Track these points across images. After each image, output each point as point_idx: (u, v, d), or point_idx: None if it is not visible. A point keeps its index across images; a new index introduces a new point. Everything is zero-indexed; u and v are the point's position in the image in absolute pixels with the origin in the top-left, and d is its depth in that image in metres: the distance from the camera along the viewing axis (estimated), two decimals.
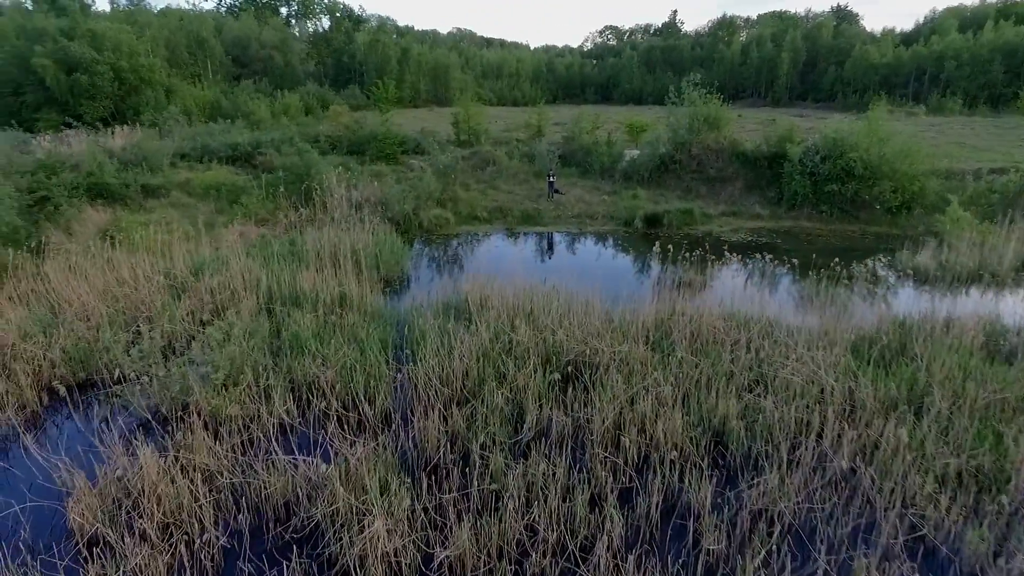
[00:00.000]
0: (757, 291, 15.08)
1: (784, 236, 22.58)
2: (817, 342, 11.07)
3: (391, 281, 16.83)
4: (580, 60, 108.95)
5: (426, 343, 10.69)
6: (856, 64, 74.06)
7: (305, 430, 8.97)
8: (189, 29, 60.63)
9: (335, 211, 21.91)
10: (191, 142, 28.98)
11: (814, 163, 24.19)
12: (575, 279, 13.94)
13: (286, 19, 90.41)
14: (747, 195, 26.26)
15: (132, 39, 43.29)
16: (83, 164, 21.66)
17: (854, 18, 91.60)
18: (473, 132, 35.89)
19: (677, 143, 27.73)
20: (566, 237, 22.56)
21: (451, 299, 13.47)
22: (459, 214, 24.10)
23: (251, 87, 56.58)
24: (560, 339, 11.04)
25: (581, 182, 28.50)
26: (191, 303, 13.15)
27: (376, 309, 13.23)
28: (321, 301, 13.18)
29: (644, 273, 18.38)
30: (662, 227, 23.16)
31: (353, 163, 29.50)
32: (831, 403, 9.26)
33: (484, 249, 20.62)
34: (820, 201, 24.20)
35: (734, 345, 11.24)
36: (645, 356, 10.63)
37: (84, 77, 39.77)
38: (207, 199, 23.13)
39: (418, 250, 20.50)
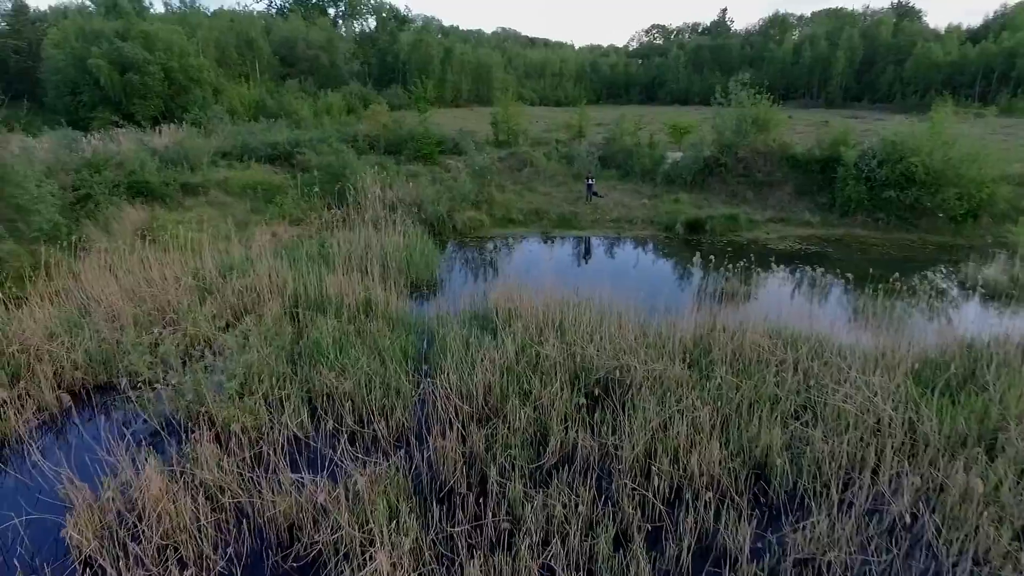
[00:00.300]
0: (806, 305, 14.10)
1: (836, 245, 21.30)
2: (873, 365, 10.11)
3: (420, 285, 16.43)
4: (625, 60, 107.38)
5: (448, 355, 10.18)
6: (917, 63, 70.55)
7: (316, 445, 8.57)
8: (239, 30, 61.94)
9: (368, 212, 21.70)
10: (232, 141, 29.31)
11: (871, 167, 22.78)
12: (610, 287, 13.26)
13: (333, 19, 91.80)
14: (796, 201, 24.96)
15: (183, 40, 44.39)
16: (127, 162, 22.05)
17: (916, 15, 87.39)
18: (512, 132, 35.38)
19: (723, 145, 26.59)
20: (603, 242, 21.81)
21: (478, 308, 12.94)
22: (494, 216, 23.60)
23: (296, 86, 57.42)
24: (590, 354, 10.38)
25: (621, 185, 27.64)
26: (216, 305, 13.00)
27: (401, 316, 12.81)
28: (346, 306, 12.85)
29: (684, 282, 17.51)
30: (704, 233, 22.16)
31: (390, 163, 29.35)
32: (889, 437, 8.36)
33: (517, 253, 20.06)
34: (876, 208, 22.76)
35: (780, 365, 10.38)
36: (681, 376, 9.88)
37: (136, 77, 40.90)
38: (244, 198, 23.25)
39: (450, 253, 20.09)
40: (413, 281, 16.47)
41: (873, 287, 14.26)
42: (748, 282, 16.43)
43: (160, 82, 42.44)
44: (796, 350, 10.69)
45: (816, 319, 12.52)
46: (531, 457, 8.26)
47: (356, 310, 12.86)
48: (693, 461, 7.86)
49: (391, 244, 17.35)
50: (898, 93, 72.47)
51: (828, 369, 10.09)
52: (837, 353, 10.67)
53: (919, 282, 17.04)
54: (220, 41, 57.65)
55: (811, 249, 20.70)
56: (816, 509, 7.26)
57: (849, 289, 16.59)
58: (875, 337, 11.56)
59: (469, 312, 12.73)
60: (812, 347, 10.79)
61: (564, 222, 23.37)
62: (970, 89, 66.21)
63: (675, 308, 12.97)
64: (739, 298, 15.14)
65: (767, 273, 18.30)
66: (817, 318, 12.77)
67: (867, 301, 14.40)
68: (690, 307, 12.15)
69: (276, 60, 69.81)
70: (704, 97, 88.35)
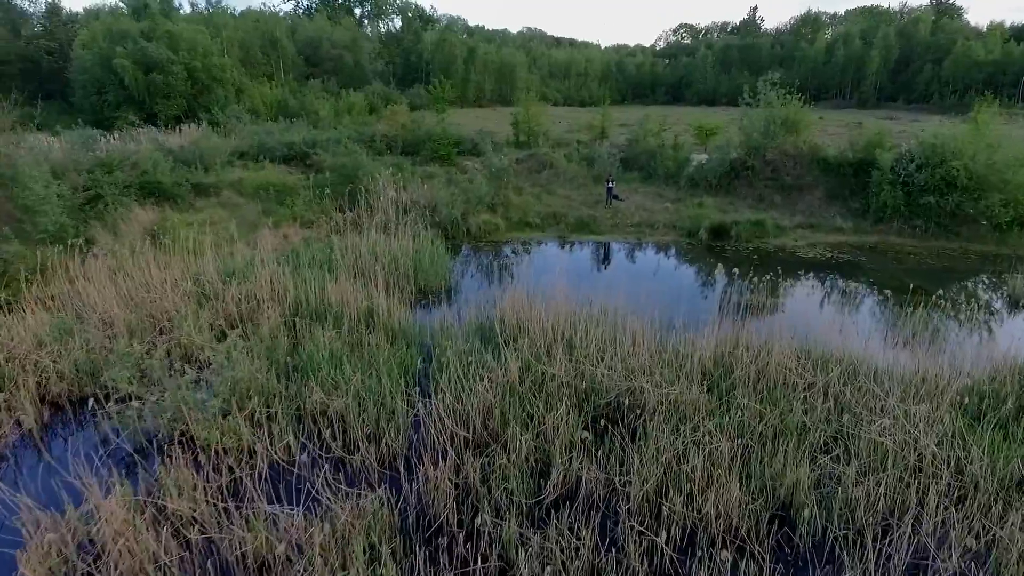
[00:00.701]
0: (837, 320, 13.10)
1: (869, 253, 20.14)
2: (913, 392, 9.17)
3: (429, 292, 15.80)
4: (651, 60, 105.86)
5: (447, 373, 9.51)
6: (957, 62, 67.95)
7: (300, 472, 7.96)
8: (264, 30, 62.31)
9: (381, 214, 21.18)
10: (249, 141, 29.12)
11: (908, 172, 21.54)
12: (626, 297, 12.49)
13: (359, 20, 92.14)
14: (827, 206, 23.79)
15: (206, 39, 44.62)
16: (142, 162, 21.88)
17: (957, 12, 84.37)
18: (532, 133, 34.66)
19: (750, 148, 25.52)
20: (622, 248, 20.95)
21: (485, 319, 12.25)
22: (510, 220, 22.91)
23: (318, 86, 57.50)
24: (601, 375, 9.61)
25: (643, 188, 26.73)
26: (214, 312, 12.53)
27: (404, 328, 12.17)
28: (347, 316, 12.26)
29: (706, 292, 16.59)
30: (729, 240, 21.17)
31: (407, 164, 28.86)
32: (933, 478, 7.44)
33: (532, 259, 19.32)
34: (913, 214, 21.52)
35: (808, 390, 9.50)
36: (699, 401, 9.06)
37: (160, 77, 41.15)
38: (257, 199, 22.92)
39: (463, 258, 19.45)
40: (422, 287, 15.87)
41: (910, 300, 13.23)
42: (775, 294, 15.49)
43: (183, 82, 42.69)
44: (826, 373, 9.80)
45: (848, 336, 11.58)
46: (530, 491, 7.54)
47: (357, 320, 12.26)
48: (710, 501, 7.05)
49: (400, 249, 16.76)
50: (935, 93, 69.95)
51: (862, 396, 9.19)
52: (872, 377, 9.75)
53: (962, 296, 15.94)
54: (245, 41, 58.01)
55: (843, 258, 19.58)
56: (848, 561, 6.43)
57: (884, 302, 15.53)
58: (914, 358, 10.58)
59: (475, 323, 12.05)
60: (844, 370, 9.88)
61: (582, 226, 22.57)
62: (1013, 89, 63.53)
63: (695, 322, 12.14)
64: (764, 311, 14.22)
65: (795, 283, 17.34)
66: (849, 335, 11.84)
67: (905, 317, 13.39)
68: (711, 323, 11.28)
69: (301, 60, 70.23)
70: (732, 98, 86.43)
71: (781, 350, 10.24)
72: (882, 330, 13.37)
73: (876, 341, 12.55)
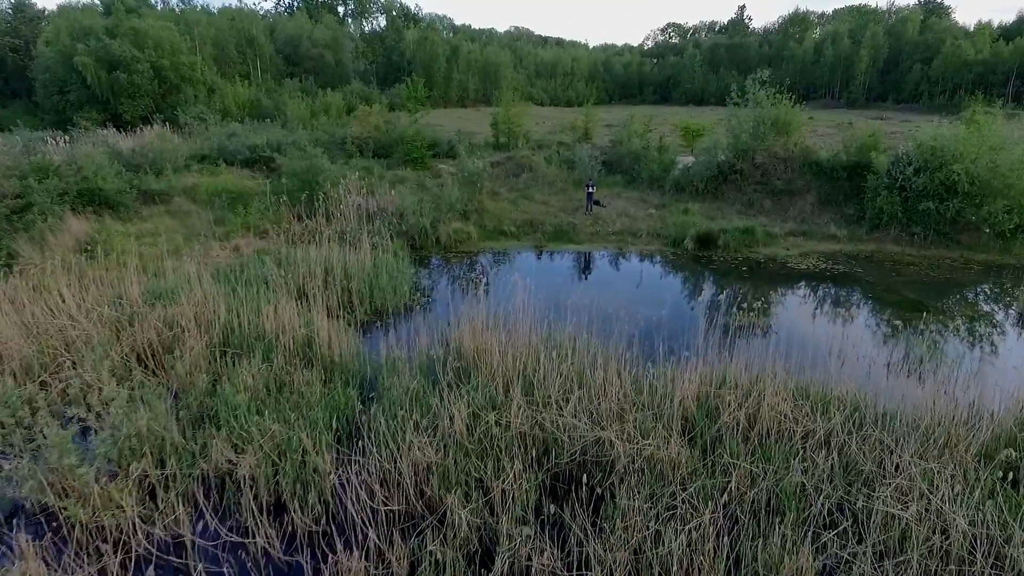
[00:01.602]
0: (835, 344, 11.73)
1: (865, 264, 18.84)
2: (931, 441, 7.78)
3: (385, 312, 14.28)
4: (639, 59, 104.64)
5: (381, 423, 8.01)
6: (946, 61, 67.19)
7: (187, 560, 6.44)
8: (240, 28, 60.41)
9: (341, 223, 19.64)
10: (211, 143, 27.45)
11: (905, 176, 20.27)
12: (602, 318, 11.08)
13: (342, 18, 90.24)
14: (820, 212, 22.50)
15: (175, 37, 42.76)
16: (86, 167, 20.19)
17: (945, 11, 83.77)
18: (513, 134, 33.18)
19: (738, 150, 24.18)
20: (602, 259, 19.52)
21: (439, 349, 10.76)
22: (484, 228, 21.42)
23: (296, 85, 55.77)
24: (564, 425, 8.15)
25: (626, 192, 25.33)
26: (132, 342, 10.95)
27: (345, 361, 10.66)
28: (281, 346, 10.73)
29: (690, 311, 15.16)
30: (716, 249, 19.80)
31: (378, 168, 27.32)
32: (965, 564, 6.04)
33: (504, 272, 17.85)
34: (911, 221, 20.25)
35: (807, 440, 8.09)
36: (679, 458, 7.61)
37: (124, 75, 39.27)
38: (212, 207, 21.29)
39: (429, 271, 17.94)
40: (377, 307, 14.36)
41: (915, 321, 11.89)
42: (765, 312, 14.12)
43: (149, 81, 40.81)
44: (827, 417, 8.39)
45: (850, 365, 10.25)
46: None
47: (293, 351, 10.74)
48: None
49: (356, 263, 15.24)
50: (925, 93, 69.20)
51: (870, 449, 7.78)
52: (880, 423, 8.35)
53: (970, 313, 14.66)
54: (219, 39, 56.14)
55: (838, 269, 18.26)
56: None
57: (887, 322, 14.20)
58: (926, 394, 9.20)
59: (426, 355, 10.55)
60: (848, 414, 8.46)
61: (560, 235, 21.13)
62: (1003, 89, 62.84)
63: (678, 345, 10.76)
64: (755, 334, 12.85)
65: (788, 300, 15.97)
66: (850, 364, 10.51)
67: (910, 340, 12.06)
68: (695, 352, 9.85)
69: (280, 59, 68.39)
70: (720, 97, 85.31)
71: (774, 390, 8.82)
72: (886, 356, 12.00)
73: (880, 371, 11.20)
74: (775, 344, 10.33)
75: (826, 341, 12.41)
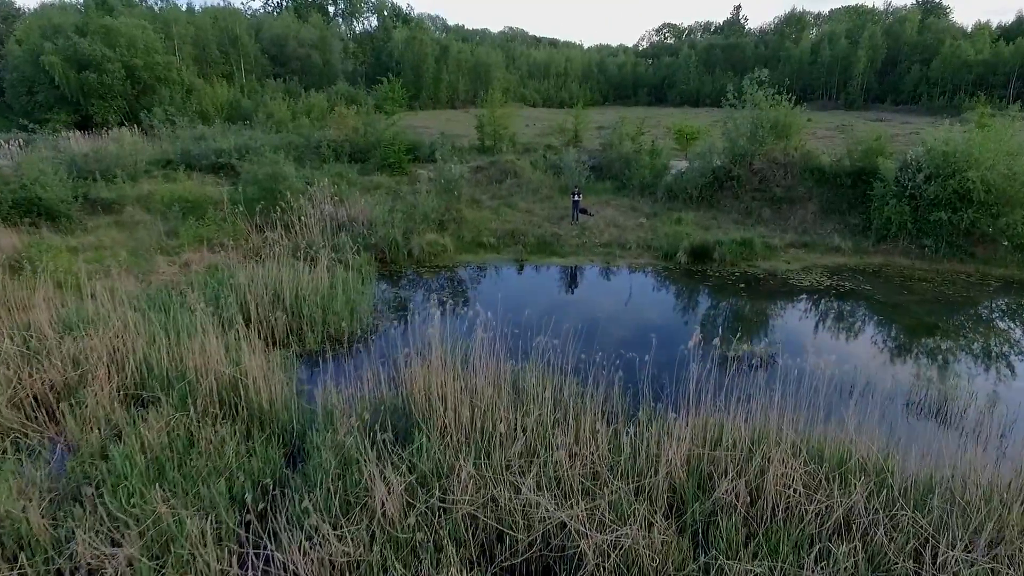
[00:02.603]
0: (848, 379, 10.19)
1: (873, 279, 17.34)
2: (981, 522, 6.26)
3: (338, 342, 12.71)
4: (634, 60, 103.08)
5: (295, 501, 6.45)
6: (945, 62, 65.83)
7: None
8: (223, 26, 58.72)
9: (307, 236, 18.06)
10: (175, 147, 25.85)
11: (915, 183, 18.78)
12: (581, 348, 9.54)
13: (332, 17, 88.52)
14: (823, 221, 21.00)
15: (149, 35, 41.06)
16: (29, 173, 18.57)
17: (943, 11, 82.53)
18: (499, 137, 31.60)
19: (735, 155, 22.66)
20: (587, 274, 17.97)
21: (387, 394, 9.20)
22: (461, 239, 19.85)
23: (280, 86, 54.17)
24: (526, 502, 6.59)
25: (616, 200, 23.79)
26: (31, 382, 9.36)
27: (275, 410, 9.08)
28: (203, 390, 9.14)
29: (681, 335, 13.58)
30: (712, 263, 18.28)
31: (352, 173, 25.74)
32: None
33: (478, 291, 16.30)
34: (922, 233, 18.78)
35: (822, 521, 6.55)
36: (663, 547, 6.07)
37: (94, 75, 37.59)
38: (167, 217, 19.67)
39: (397, 290, 16.36)
40: (331, 334, 12.80)
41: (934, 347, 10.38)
42: (767, 338, 12.59)
43: (121, 81, 39.12)
44: (845, 489, 6.85)
45: (864, 404, 8.63)
46: None
47: (217, 395, 9.15)
48: None
49: (310, 283, 13.67)
50: (924, 94, 67.81)
51: (903, 537, 6.24)
52: (911, 495, 6.83)
53: (993, 336, 13.18)
54: (199, 38, 54.44)
55: (844, 285, 16.75)
56: None
57: (902, 348, 12.70)
58: (960, 446, 7.69)
59: (370, 400, 8.98)
60: (871, 484, 6.92)
61: (544, 247, 19.57)
62: (1003, 90, 61.57)
63: (666, 389, 9.24)
64: (754, 364, 11.32)
65: (790, 322, 14.41)
66: (865, 402, 8.91)
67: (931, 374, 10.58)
68: (685, 403, 8.29)
69: (265, 59, 66.67)
70: (716, 98, 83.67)
71: (780, 453, 7.27)
72: (905, 391, 10.46)
73: (899, 412, 9.70)
74: (778, 383, 8.78)
75: (836, 375, 10.88)
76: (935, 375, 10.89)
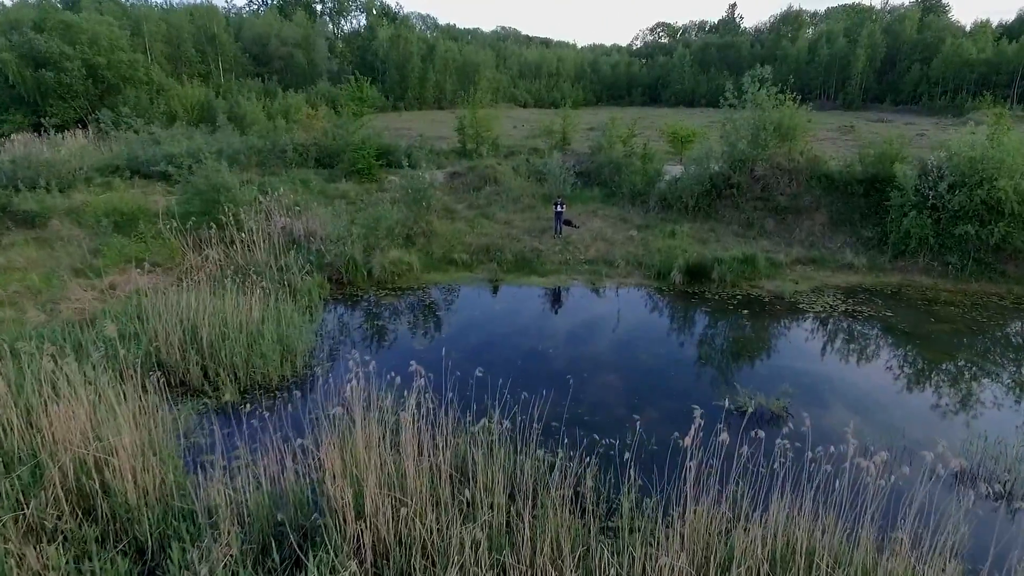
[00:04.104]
0: (880, 441, 8.11)
1: (893, 302, 15.28)
2: None
3: (266, 389, 10.57)
4: (627, 59, 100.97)
5: None
6: (947, 61, 63.96)
7: None
8: (200, 24, 56.39)
9: (254, 254, 15.92)
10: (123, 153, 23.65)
11: (937, 192, 16.77)
12: (557, 401, 7.46)
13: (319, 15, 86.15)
14: (832, 234, 18.96)
15: (113, 32, 38.70)
16: None
17: (942, 9, 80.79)
18: (481, 140, 29.44)
19: (735, 159, 20.58)
20: (568, 298, 15.84)
21: (287, 488, 7.07)
22: (430, 255, 17.73)
23: (257, 85, 51.92)
24: None
25: (604, 209, 21.69)
26: None
27: (149, 505, 6.94)
28: (56, 478, 6.99)
29: (676, 381, 11.50)
30: (711, 283, 16.20)
31: (318, 180, 23.61)
32: None
33: (441, 323, 14.15)
34: (945, 248, 16.76)
35: None
36: None
37: (51, 74, 35.27)
38: (102, 231, 17.48)
39: (341, 323, 14.18)
40: (256, 381, 10.65)
41: (982, 398, 8.31)
42: (776, 385, 10.49)
43: (82, 80, 36.79)
44: None
45: (906, 487, 6.52)
46: None
47: (75, 481, 7.02)
48: None
49: (236, 316, 11.52)
50: (925, 94, 65.94)
51: None
52: None
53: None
54: (172, 36, 52.13)
55: (861, 311, 14.69)
56: None
57: (947, 402, 10.64)
58: None
59: (267, 498, 6.85)
60: None
61: (522, 264, 17.46)
62: (1007, 90, 59.75)
63: (656, 472, 7.15)
64: (764, 422, 9.23)
65: (803, 363, 12.19)
66: (908, 487, 6.79)
67: (987, 442, 8.53)
68: (679, 501, 6.19)
69: (246, 58, 64.36)
70: (711, 98, 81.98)
71: (813, 551, 5.15)
72: (968, 472, 8.36)
73: (948, 494, 7.60)
74: (797, 462, 6.65)
75: (871, 442, 8.78)
76: (985, 435, 8.79)
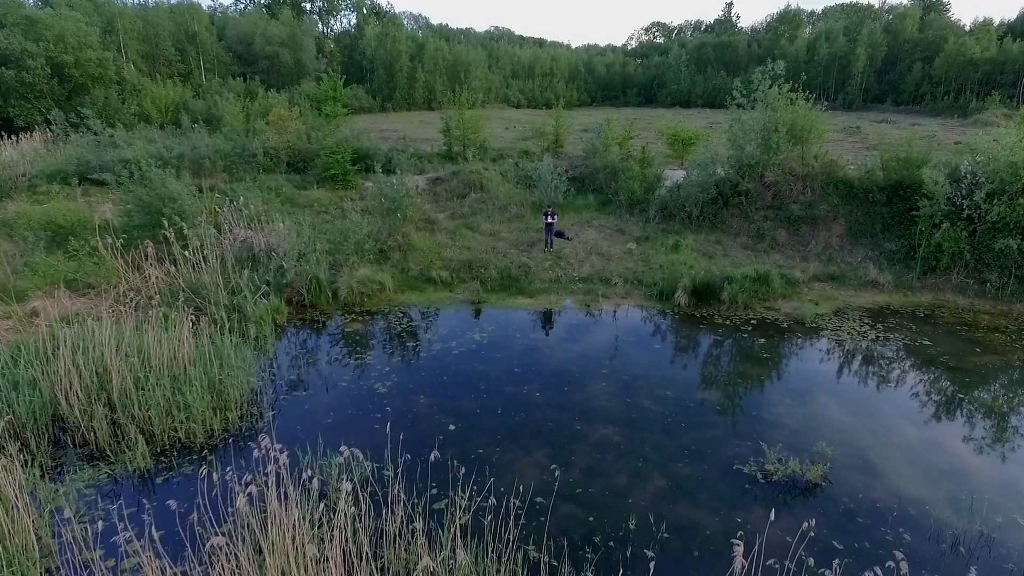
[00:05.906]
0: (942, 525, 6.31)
1: (928, 327, 13.46)
2: None
3: (191, 449, 8.66)
4: (622, 59, 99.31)
5: None
6: (949, 60, 62.50)
7: None
8: (180, 22, 54.37)
9: (203, 273, 13.98)
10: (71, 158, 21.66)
11: (972, 202, 14.99)
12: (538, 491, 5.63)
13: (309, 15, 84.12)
14: (852, 247, 17.16)
15: (80, 28, 36.69)
16: None
17: (943, 7, 79.39)
18: (468, 143, 27.55)
19: (743, 165, 18.77)
20: (559, 323, 13.92)
21: None
22: (405, 273, 15.85)
23: (239, 85, 49.91)
24: None
25: (599, 219, 19.84)
26: None
27: None
28: None
29: (687, 434, 9.61)
30: (720, 304, 14.37)
31: (289, 187, 21.68)
32: None
33: (411, 355, 12.24)
34: (983, 264, 14.99)
35: None
36: None
37: (11, 72, 33.23)
38: (35, 245, 15.53)
39: (293, 357, 12.25)
40: (180, 439, 8.73)
41: None
42: (812, 443, 8.66)
43: (47, 79, 34.77)
44: None
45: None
46: None
47: None
48: None
49: (159, 355, 9.60)
50: (927, 94, 64.43)
51: None
52: None
53: None
54: (149, 34, 50.07)
55: (892, 338, 12.87)
56: None
57: (1006, 444, 8.83)
58: None
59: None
60: None
61: (508, 283, 15.59)
62: (1012, 89, 58.30)
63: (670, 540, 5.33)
64: (795, 495, 7.38)
65: (836, 408, 10.34)
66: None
67: None
68: None
69: (230, 58, 62.38)
70: (708, 99, 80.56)
71: None
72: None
73: None
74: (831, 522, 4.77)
75: (921, 519, 6.96)
76: None
